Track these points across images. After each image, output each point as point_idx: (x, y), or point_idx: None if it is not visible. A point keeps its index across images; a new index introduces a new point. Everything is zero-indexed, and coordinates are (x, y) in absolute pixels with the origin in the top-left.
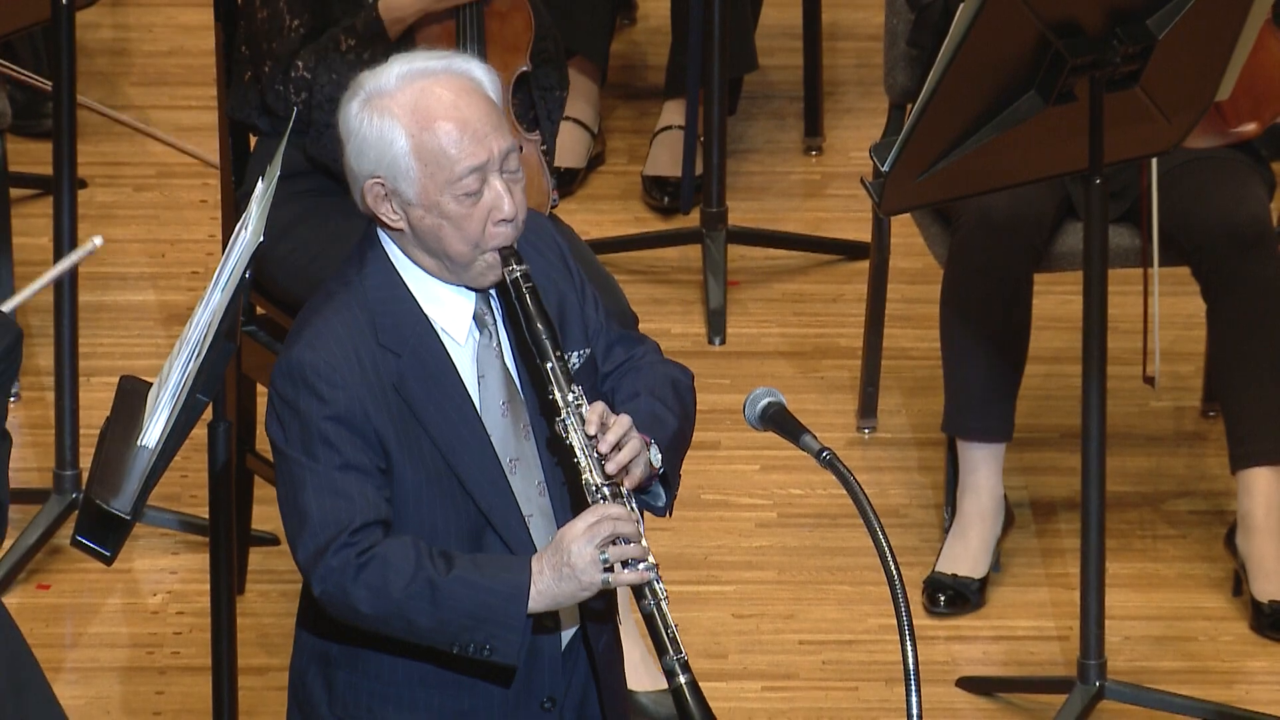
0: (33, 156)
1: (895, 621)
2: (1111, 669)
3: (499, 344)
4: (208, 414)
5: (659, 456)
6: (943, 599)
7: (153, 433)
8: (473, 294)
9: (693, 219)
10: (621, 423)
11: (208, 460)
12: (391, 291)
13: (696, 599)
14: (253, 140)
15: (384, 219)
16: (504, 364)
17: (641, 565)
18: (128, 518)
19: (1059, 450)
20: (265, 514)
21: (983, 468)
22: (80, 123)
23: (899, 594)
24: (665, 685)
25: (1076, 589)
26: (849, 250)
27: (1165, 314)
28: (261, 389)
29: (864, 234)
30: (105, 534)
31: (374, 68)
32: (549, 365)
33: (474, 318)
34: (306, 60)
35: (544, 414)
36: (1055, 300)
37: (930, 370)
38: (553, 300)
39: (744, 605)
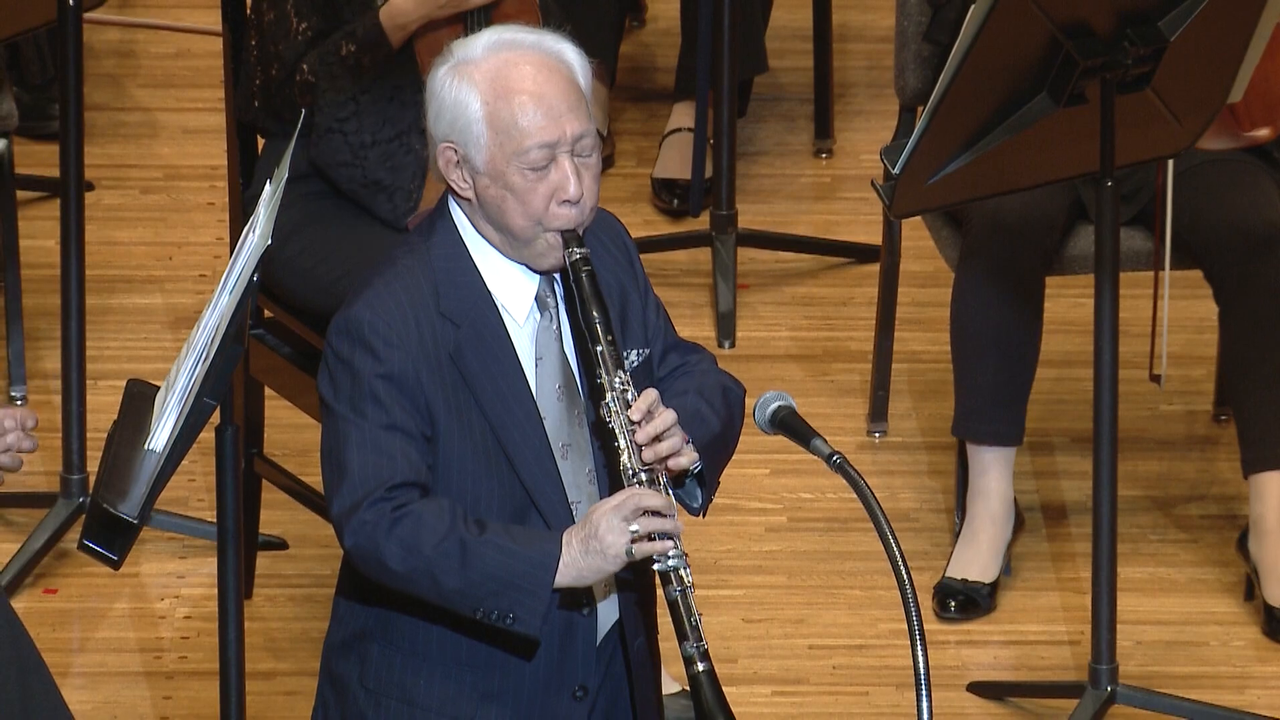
0: (39, 159)
1: (906, 626)
2: (1123, 674)
3: (559, 327)
4: (215, 417)
5: (695, 456)
6: (953, 604)
7: (160, 436)
8: (536, 275)
9: (702, 222)
10: (665, 416)
11: (215, 464)
12: (457, 262)
13: (706, 603)
14: (260, 143)
15: (454, 186)
16: (563, 348)
17: (669, 543)
18: (135, 522)
19: (1070, 454)
20: (273, 518)
21: (993, 471)
22: (87, 125)
23: (910, 599)
24: (677, 690)
25: (1087, 593)
26: (859, 253)
27: (1177, 317)
28: (269, 393)
29: (874, 237)
30: (112, 538)
31: (375, 74)
32: (599, 349)
33: (536, 299)
34: (311, 64)
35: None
36: (1066, 303)
37: (941, 374)
38: (615, 297)
39: (754, 610)
